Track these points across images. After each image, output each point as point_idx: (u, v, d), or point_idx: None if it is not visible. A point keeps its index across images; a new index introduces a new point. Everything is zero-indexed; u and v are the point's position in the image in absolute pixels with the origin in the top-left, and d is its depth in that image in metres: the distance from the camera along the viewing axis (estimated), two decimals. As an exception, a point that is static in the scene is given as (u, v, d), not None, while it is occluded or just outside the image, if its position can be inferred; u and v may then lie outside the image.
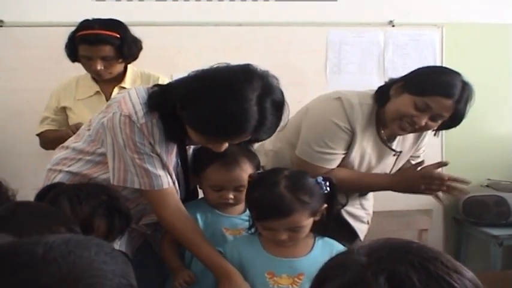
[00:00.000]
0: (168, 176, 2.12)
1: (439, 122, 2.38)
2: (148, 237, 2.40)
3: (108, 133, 2.07)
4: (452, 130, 3.97)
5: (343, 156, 2.47)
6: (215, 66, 1.98)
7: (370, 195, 2.78)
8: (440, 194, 2.46)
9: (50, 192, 1.92)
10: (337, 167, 2.49)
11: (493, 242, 3.76)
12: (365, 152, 2.51)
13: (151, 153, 2.07)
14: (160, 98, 2.02)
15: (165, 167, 2.11)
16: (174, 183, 2.15)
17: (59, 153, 2.25)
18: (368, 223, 2.77)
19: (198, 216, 2.26)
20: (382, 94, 2.44)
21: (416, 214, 3.88)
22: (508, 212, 3.80)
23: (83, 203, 1.86)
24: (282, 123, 2.01)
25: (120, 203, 1.96)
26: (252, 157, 2.26)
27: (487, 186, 4.00)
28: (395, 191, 2.60)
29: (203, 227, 2.25)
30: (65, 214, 1.76)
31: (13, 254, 0.87)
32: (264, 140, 2.09)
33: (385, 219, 3.55)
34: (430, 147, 3.83)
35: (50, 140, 3.05)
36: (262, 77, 1.92)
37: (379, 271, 0.87)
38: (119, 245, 2.24)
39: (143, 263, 2.33)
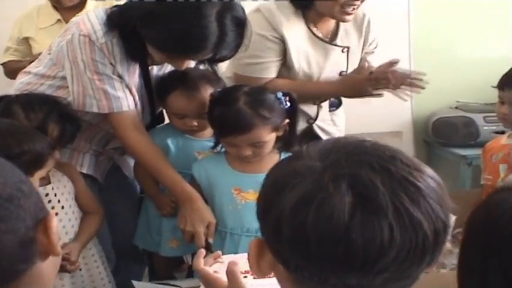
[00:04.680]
0: (130, 98, 2.11)
1: None
2: (117, 161, 2.42)
3: (66, 57, 2.05)
4: (421, 53, 4.02)
5: (278, 62, 2.49)
6: None
7: (340, 111, 2.81)
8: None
9: (0, 102, 1.97)
10: (290, 78, 2.51)
11: (463, 162, 3.82)
12: (308, 54, 2.52)
13: (112, 75, 2.05)
14: (120, 17, 2.00)
15: (127, 88, 2.10)
16: (136, 105, 2.14)
17: (21, 79, 2.23)
18: None
19: (169, 142, 2.27)
20: (300, 0, 2.46)
21: (386, 136, 3.91)
22: (476, 132, 3.84)
23: (36, 109, 1.92)
24: (245, 42, 2.01)
25: (71, 110, 2.00)
26: (216, 82, 2.23)
27: (456, 108, 4.04)
28: (345, 96, 2.64)
29: (175, 153, 2.26)
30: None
31: None
32: (227, 57, 2.08)
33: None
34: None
35: (13, 71, 3.01)
36: None
37: (338, 177, 0.82)
38: (86, 168, 2.26)
39: (114, 186, 2.38)
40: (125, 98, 2.09)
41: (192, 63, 2.15)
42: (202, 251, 1.58)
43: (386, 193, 0.80)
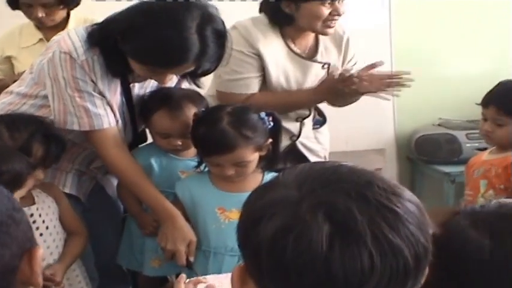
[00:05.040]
0: (111, 115, 2.11)
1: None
2: (101, 181, 2.41)
3: (47, 75, 2.05)
4: (403, 69, 3.95)
5: (259, 78, 2.52)
6: None
7: (324, 129, 2.82)
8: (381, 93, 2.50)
9: None
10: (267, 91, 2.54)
11: (446, 179, 3.82)
12: (287, 69, 2.55)
13: (93, 92, 2.05)
14: (101, 33, 2.00)
15: (108, 105, 2.10)
16: (117, 122, 2.14)
17: (3, 99, 2.21)
18: (325, 158, 2.81)
19: (153, 161, 2.27)
20: (279, 16, 2.50)
21: (369, 154, 3.93)
22: (459, 149, 3.85)
23: (20, 129, 1.92)
24: (226, 54, 2.04)
25: (56, 130, 1.99)
26: (199, 102, 2.24)
27: (438, 125, 4.05)
28: (326, 101, 2.64)
29: (159, 172, 2.26)
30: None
31: None
32: (210, 70, 2.09)
33: (338, 160, 3.58)
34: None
35: None
36: (200, 6, 1.94)
37: (315, 206, 0.81)
38: (69, 188, 2.25)
39: (97, 206, 2.37)
40: (105, 115, 2.08)
41: (174, 78, 2.15)
42: (183, 276, 1.58)
43: (364, 221, 0.80)
